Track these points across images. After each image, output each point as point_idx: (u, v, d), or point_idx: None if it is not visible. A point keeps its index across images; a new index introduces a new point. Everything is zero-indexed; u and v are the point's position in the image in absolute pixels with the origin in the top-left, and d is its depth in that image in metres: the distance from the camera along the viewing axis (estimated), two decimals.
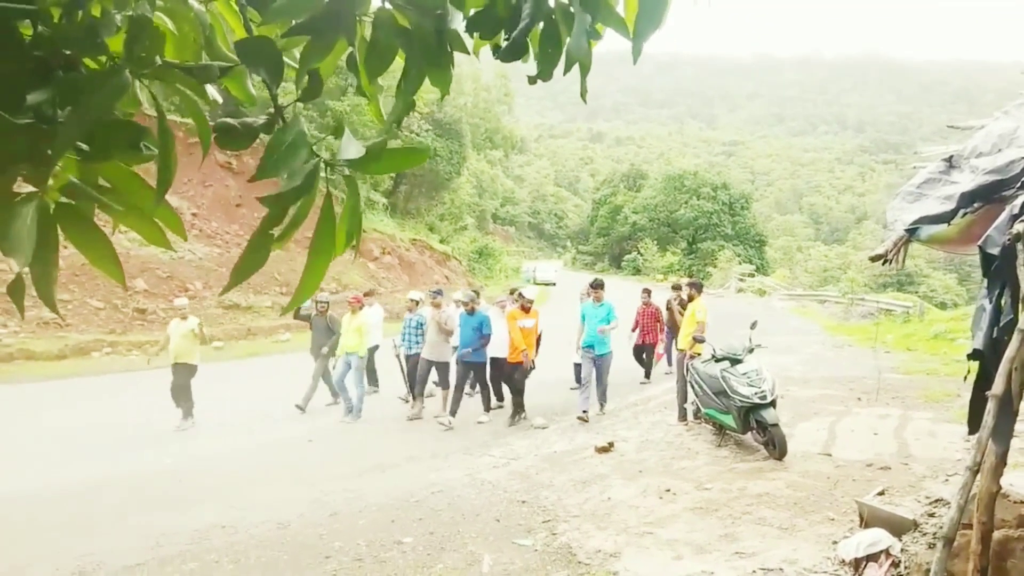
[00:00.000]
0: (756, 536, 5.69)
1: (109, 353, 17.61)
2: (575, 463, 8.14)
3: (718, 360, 8.58)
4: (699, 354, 9.64)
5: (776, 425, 7.73)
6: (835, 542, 5.43)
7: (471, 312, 10.53)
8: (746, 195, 74.31)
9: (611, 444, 8.61)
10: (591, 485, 7.30)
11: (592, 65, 1.68)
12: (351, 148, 1.29)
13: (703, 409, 8.86)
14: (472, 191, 54.13)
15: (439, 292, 11.12)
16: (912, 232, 4.45)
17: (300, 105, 1.43)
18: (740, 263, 56.17)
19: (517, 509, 6.69)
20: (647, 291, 14.33)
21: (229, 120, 1.32)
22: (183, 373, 10.56)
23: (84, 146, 1.25)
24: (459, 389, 10.56)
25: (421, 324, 11.35)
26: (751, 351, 8.54)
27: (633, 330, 13.87)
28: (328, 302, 12.04)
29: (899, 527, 5.31)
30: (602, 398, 10.86)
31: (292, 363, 14.46)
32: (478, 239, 49.77)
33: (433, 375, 10.94)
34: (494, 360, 10.86)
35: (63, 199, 1.29)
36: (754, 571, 5.04)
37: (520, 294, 11.22)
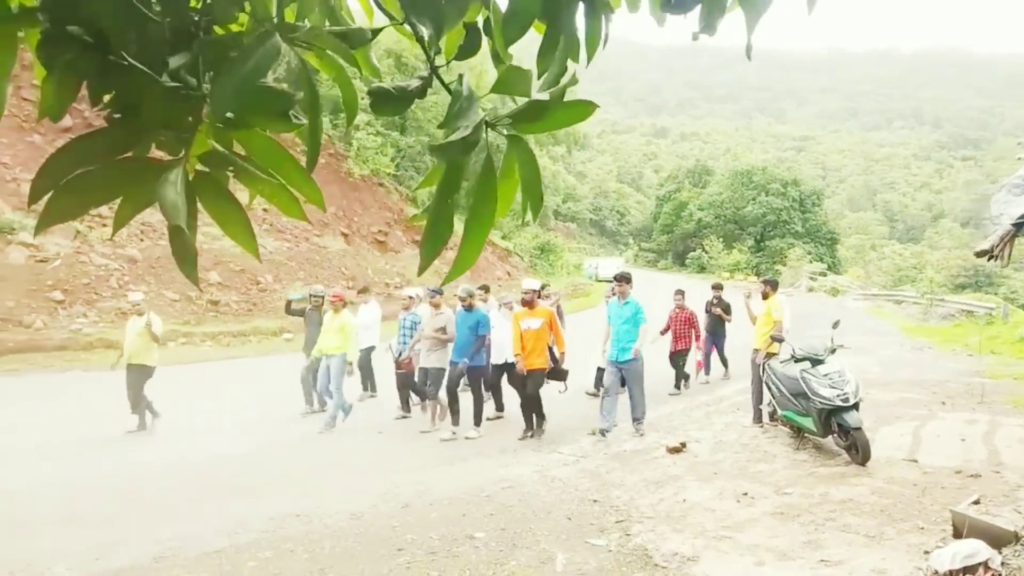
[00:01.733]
0: (841, 544, 5.46)
1: (184, 343, 18.14)
2: (646, 463, 7.98)
3: (798, 360, 8.30)
4: (775, 354, 9.37)
5: (859, 429, 7.43)
6: (927, 552, 5.17)
7: (469, 309, 9.43)
8: (817, 191, 72.38)
9: (683, 444, 8.42)
10: (664, 486, 7.14)
11: (655, 59, 1.55)
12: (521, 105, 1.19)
13: (780, 411, 8.59)
14: None
15: (438, 291, 10.03)
16: (1020, 227, 4.18)
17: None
18: (811, 261, 54.79)
19: (589, 508, 6.58)
20: (680, 292, 13.30)
21: (383, 84, 1.25)
22: (137, 375, 9.64)
23: (227, 114, 1.20)
24: (477, 396, 9.62)
25: (416, 324, 10.48)
26: (833, 351, 8.23)
27: (663, 333, 12.82)
28: (324, 296, 11.19)
29: (998, 539, 5.02)
30: (637, 411, 9.36)
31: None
32: (540, 235, 49.66)
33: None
34: (500, 367, 10.07)
35: (200, 168, 1.23)
36: None
37: (541, 287, 10.12)
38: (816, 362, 8.09)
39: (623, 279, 9.51)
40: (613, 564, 5.27)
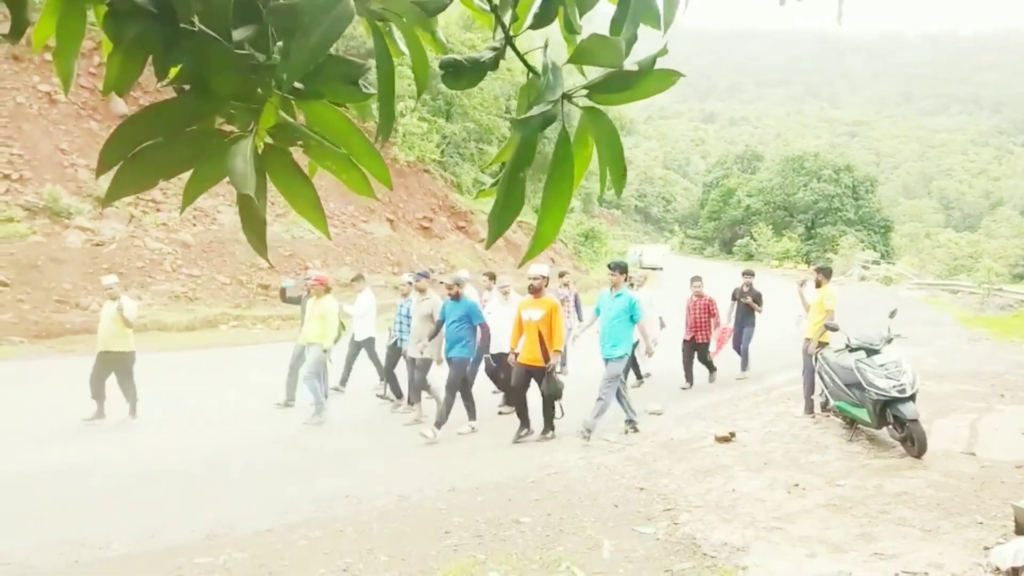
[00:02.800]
0: (896, 537, 5.32)
1: (235, 326, 18.50)
2: (694, 452, 7.89)
3: (852, 350, 8.10)
4: (828, 343, 9.18)
5: (915, 421, 7.22)
6: (987, 548, 5.01)
7: (456, 298, 8.72)
8: (871, 178, 70.67)
9: (732, 434, 8.30)
10: (713, 475, 7.04)
11: (705, 44, 1.48)
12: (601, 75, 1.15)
13: (833, 401, 8.41)
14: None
15: (423, 274, 9.41)
16: None
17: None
18: (863, 249, 53.56)
19: (636, 496, 6.53)
20: (698, 278, 12.30)
21: (455, 56, 1.22)
22: (106, 362, 9.17)
23: (296, 84, 1.18)
24: (450, 392, 8.69)
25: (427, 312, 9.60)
26: (889, 341, 8.01)
27: (686, 327, 12.02)
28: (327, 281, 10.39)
29: None
30: (592, 416, 8.46)
31: None
32: (584, 222, 49.32)
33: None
34: (496, 356, 9.57)
35: (270, 141, 1.21)
36: (897, 574, 4.71)
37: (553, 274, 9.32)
38: (871, 352, 7.89)
39: (617, 268, 8.76)
40: (661, 552, 5.23)
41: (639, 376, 12.04)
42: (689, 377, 11.86)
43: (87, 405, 9.03)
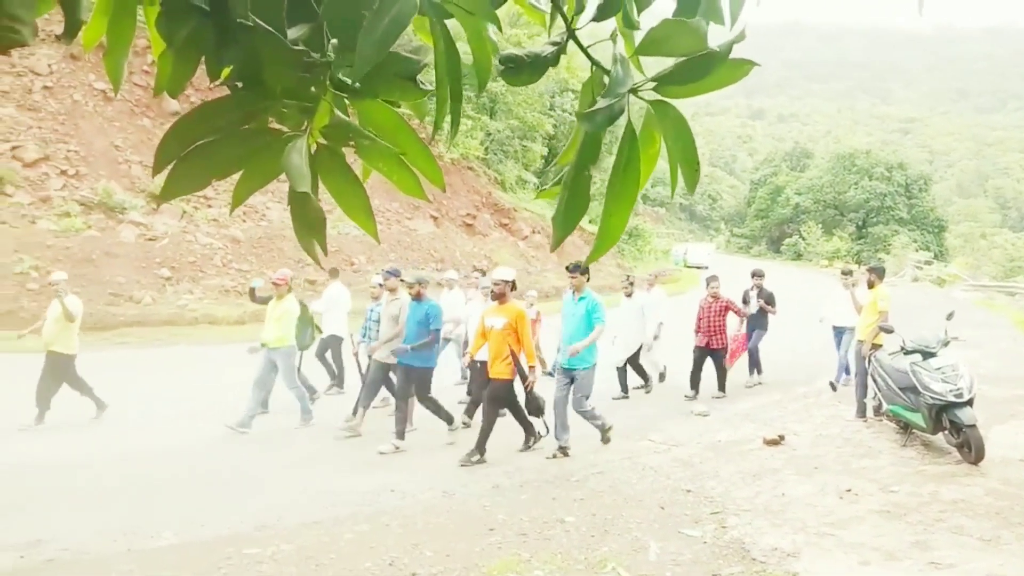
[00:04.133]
0: (953, 546, 5.16)
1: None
2: (742, 454, 7.76)
3: (908, 353, 7.87)
4: (880, 346, 8.95)
5: (973, 426, 6.99)
6: None
7: (417, 298, 8.01)
8: (924, 176, 68.88)
9: (781, 437, 8.14)
10: (762, 478, 6.91)
11: (752, 38, 1.41)
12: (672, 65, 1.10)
13: (886, 405, 8.19)
14: None
15: (393, 272, 8.67)
16: None
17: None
18: (916, 250, 52.20)
19: (682, 498, 6.44)
20: (714, 278, 11.31)
21: (515, 51, 1.19)
22: (51, 364, 8.82)
23: (347, 81, 1.16)
24: (402, 400, 8.14)
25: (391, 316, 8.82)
26: (946, 344, 7.77)
27: (697, 332, 10.97)
28: (291, 278, 9.81)
29: None
30: (562, 429, 7.78)
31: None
32: (628, 221, 48.89)
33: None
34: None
35: (322, 141, 1.20)
36: None
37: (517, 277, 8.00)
38: (927, 355, 7.66)
39: (577, 269, 7.84)
40: (708, 556, 5.14)
41: (645, 381, 11.34)
42: (695, 385, 10.80)
43: (141, 396, 9.24)
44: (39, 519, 5.74)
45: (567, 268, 8.05)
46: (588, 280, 7.86)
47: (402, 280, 8.31)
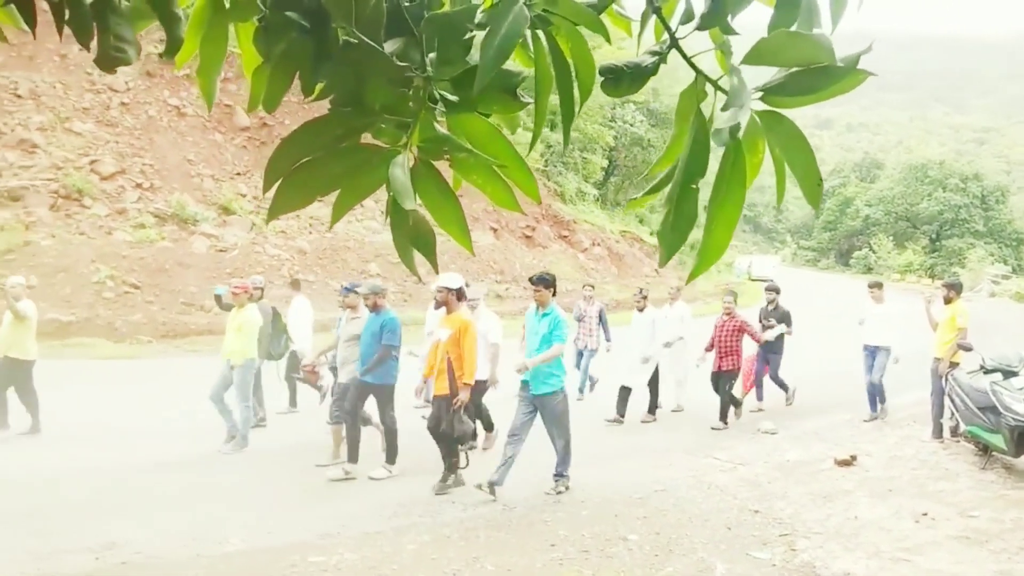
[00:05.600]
0: None
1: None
2: (812, 475, 7.52)
3: (987, 372, 7.55)
4: (958, 364, 8.59)
5: None
6: None
7: (375, 310, 7.42)
8: (1002, 187, 66.25)
9: (853, 457, 7.87)
10: (833, 500, 6.69)
11: None
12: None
13: (965, 426, 7.85)
14: None
15: (350, 288, 8.04)
16: None
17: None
18: (993, 263, 50.17)
19: (749, 518, 6.27)
20: (731, 293, 10.44)
21: (615, 63, 1.17)
22: (6, 369, 8.43)
23: (447, 95, 1.15)
24: (350, 420, 7.46)
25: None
26: None
27: (708, 350, 10.17)
28: (262, 287, 9.34)
29: None
30: (561, 463, 7.03)
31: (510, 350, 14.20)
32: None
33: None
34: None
35: (419, 155, 1.19)
36: None
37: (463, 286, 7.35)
38: (1008, 374, 7.33)
39: (541, 282, 6.95)
40: None
41: (652, 409, 10.26)
42: (724, 415, 9.85)
43: (207, 403, 9.41)
44: (113, 522, 5.91)
45: (530, 280, 7.15)
46: (554, 295, 6.97)
47: (355, 292, 7.72)
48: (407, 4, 1.13)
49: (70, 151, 20.38)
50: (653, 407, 10.20)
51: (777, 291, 11.18)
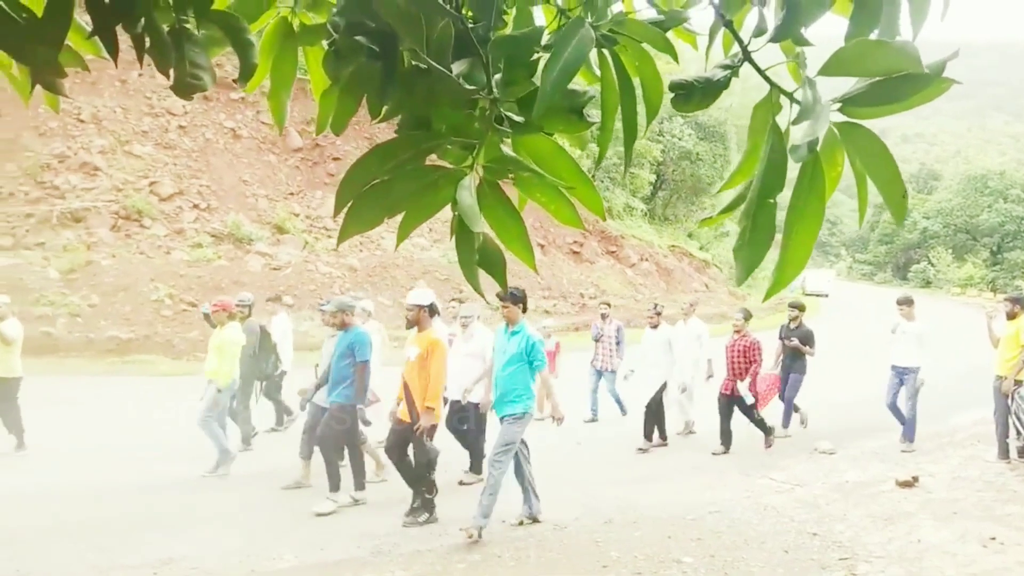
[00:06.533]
0: None
1: (396, 347, 19.20)
2: (872, 497, 7.29)
3: None
4: (1023, 382, 8.27)
5: None
6: None
7: (342, 327, 7.08)
8: None
9: (915, 478, 7.62)
10: (895, 523, 6.47)
11: None
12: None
13: None
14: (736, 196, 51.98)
15: (245, 303, 7.87)
16: None
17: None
18: None
19: (808, 541, 6.10)
20: (743, 311, 9.70)
21: (685, 78, 1.16)
22: None
23: (514, 116, 1.16)
24: (325, 447, 7.01)
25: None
26: None
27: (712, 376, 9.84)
28: (249, 304, 9.08)
29: None
30: (527, 505, 6.56)
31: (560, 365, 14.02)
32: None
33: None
34: (454, 405, 7.79)
35: (485, 175, 1.20)
36: None
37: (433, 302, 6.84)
38: None
39: (509, 297, 6.37)
40: None
41: (662, 432, 9.71)
42: (726, 440, 9.30)
43: (264, 417, 9.54)
44: (170, 537, 6.02)
45: (498, 296, 6.55)
46: (525, 311, 6.49)
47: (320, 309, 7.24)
48: (472, 25, 1.13)
49: (130, 173, 21.09)
50: (661, 430, 9.63)
51: (800, 308, 10.48)
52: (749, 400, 9.11)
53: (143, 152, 21.97)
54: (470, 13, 1.18)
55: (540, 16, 1.39)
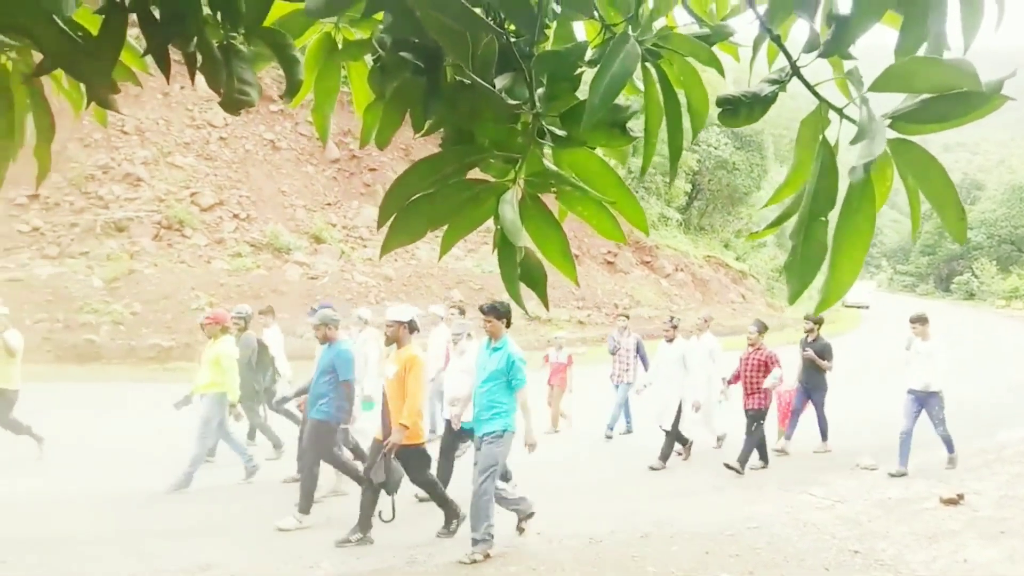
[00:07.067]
0: None
1: None
2: (915, 514, 7.12)
3: None
4: None
5: None
6: None
7: (325, 341, 6.87)
8: None
9: (961, 496, 7.41)
10: (939, 542, 6.30)
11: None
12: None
13: None
14: (774, 206, 51.33)
15: (242, 315, 7.82)
16: None
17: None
18: None
19: (849, 559, 5.96)
20: (757, 323, 9.45)
21: (732, 93, 1.15)
22: None
23: (556, 130, 1.16)
24: (304, 465, 6.82)
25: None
26: None
27: (730, 383, 9.41)
28: (246, 316, 8.78)
29: None
30: (477, 524, 5.88)
31: (586, 378, 13.37)
32: (778, 257, 47.01)
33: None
34: (447, 425, 7.48)
35: (527, 189, 1.20)
36: None
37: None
38: None
39: (492, 312, 6.15)
40: None
41: (682, 443, 9.46)
42: (762, 452, 9.01)
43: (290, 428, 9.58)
44: (208, 543, 6.09)
45: (480, 309, 6.39)
46: (508, 326, 6.20)
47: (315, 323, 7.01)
48: (514, 40, 1.13)
49: (172, 184, 21.55)
50: (666, 454, 9.17)
51: (818, 322, 10.07)
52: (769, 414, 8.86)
53: (184, 163, 22.45)
54: (512, 27, 1.18)
55: (579, 29, 1.39)
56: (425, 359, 6.35)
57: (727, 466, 8.70)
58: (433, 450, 6.77)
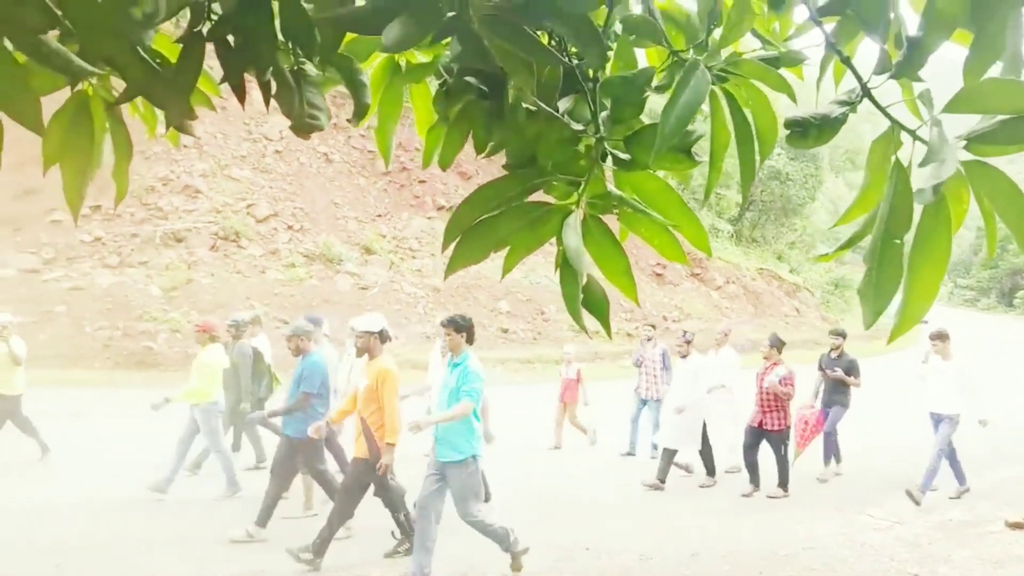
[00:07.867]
0: None
1: (417, 372, 19.42)
2: (979, 538, 6.87)
3: None
4: None
5: None
6: None
7: (298, 353, 6.68)
8: None
9: None
10: (1005, 567, 6.07)
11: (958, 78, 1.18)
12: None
13: None
14: (828, 217, 50.37)
15: (314, 321, 7.40)
16: None
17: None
18: None
19: None
20: (770, 337, 8.87)
21: (800, 115, 1.14)
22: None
23: (619, 153, 1.17)
24: (276, 477, 6.55)
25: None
26: None
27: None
28: (239, 324, 8.71)
29: None
30: (420, 550, 5.57)
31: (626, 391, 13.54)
32: (832, 269, 45.99)
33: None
34: None
35: (589, 210, 1.21)
36: None
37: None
38: None
39: (451, 324, 5.69)
40: None
41: (711, 470, 9.07)
42: (754, 477, 8.50)
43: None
44: (256, 548, 6.19)
45: (440, 323, 6.07)
46: (471, 342, 5.76)
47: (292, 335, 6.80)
48: (576, 63, 1.14)
49: (229, 196, 22.13)
50: (711, 469, 8.98)
51: (842, 335, 9.52)
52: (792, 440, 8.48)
53: (241, 175, 23.04)
54: (574, 49, 1.19)
55: (639, 52, 1.39)
56: (397, 371, 6.01)
57: (770, 497, 8.36)
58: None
